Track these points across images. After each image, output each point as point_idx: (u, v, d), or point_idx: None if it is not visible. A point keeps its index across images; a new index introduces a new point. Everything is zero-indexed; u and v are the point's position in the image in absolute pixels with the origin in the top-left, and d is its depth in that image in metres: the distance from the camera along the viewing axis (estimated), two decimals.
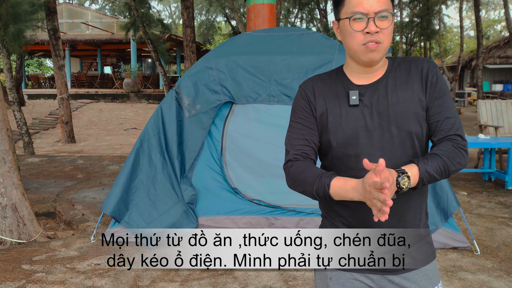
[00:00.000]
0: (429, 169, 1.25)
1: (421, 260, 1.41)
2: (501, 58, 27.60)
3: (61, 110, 11.47)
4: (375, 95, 1.36)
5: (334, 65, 4.14)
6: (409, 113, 1.33)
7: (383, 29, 1.29)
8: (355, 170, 1.34)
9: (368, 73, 1.38)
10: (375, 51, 1.30)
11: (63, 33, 23.79)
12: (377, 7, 1.28)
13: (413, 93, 1.35)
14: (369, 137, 1.34)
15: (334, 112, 1.38)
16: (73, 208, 5.15)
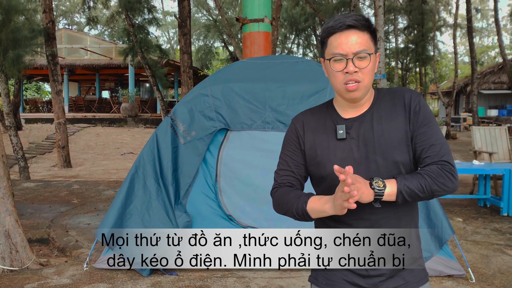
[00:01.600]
0: (408, 184, 1.31)
1: (413, 282, 1.44)
2: (496, 83, 27.92)
3: (58, 134, 11.49)
4: (361, 127, 1.43)
5: (328, 92, 4.19)
6: (394, 143, 1.40)
7: (362, 69, 1.37)
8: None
9: (354, 107, 1.46)
10: (355, 90, 1.38)
11: (62, 58, 24.02)
12: (355, 48, 1.36)
13: (397, 123, 1.42)
14: (357, 168, 1.39)
15: (322, 146, 1.46)
16: (67, 234, 5.11)
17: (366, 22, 1.39)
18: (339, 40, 1.38)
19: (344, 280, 1.46)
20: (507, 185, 5.75)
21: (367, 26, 1.39)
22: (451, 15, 28.36)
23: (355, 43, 1.37)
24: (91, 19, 17.68)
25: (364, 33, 1.39)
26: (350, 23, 1.37)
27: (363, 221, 1.42)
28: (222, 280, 3.68)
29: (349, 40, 1.37)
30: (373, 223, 1.42)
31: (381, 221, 1.42)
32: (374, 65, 1.41)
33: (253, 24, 5.80)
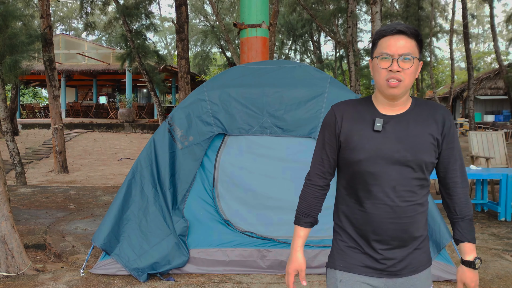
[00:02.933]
0: (473, 235, 1.69)
1: (420, 266, 1.67)
2: (492, 89, 28.04)
3: (55, 140, 11.46)
4: (397, 125, 1.62)
5: (326, 97, 4.20)
6: (425, 145, 1.59)
7: (405, 69, 1.55)
8: (371, 185, 1.61)
9: (392, 106, 1.64)
10: (396, 87, 1.56)
11: (59, 63, 24.01)
12: (401, 51, 1.55)
13: (430, 130, 1.62)
14: (387, 160, 1.58)
15: (359, 134, 1.63)
16: (63, 240, 5.09)
17: (415, 31, 1.58)
18: (389, 42, 1.57)
19: (361, 264, 1.66)
20: (504, 190, 5.76)
21: (415, 35, 1.58)
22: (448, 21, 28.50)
23: (402, 46, 1.56)
24: (88, 24, 17.72)
25: (412, 40, 1.58)
26: (401, 29, 1.56)
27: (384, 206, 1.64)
28: (220, 285, 3.67)
29: (397, 43, 1.56)
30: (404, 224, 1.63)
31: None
32: (416, 69, 1.59)
33: (251, 29, 5.81)
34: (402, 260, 1.63)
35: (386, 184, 1.58)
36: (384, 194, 1.59)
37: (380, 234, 1.61)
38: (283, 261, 3.89)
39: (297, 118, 4.17)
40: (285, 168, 4.14)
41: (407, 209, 1.59)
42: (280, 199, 4.07)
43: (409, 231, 1.61)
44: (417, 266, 1.65)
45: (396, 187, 1.58)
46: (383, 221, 1.60)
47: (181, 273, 3.92)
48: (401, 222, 1.59)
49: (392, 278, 1.64)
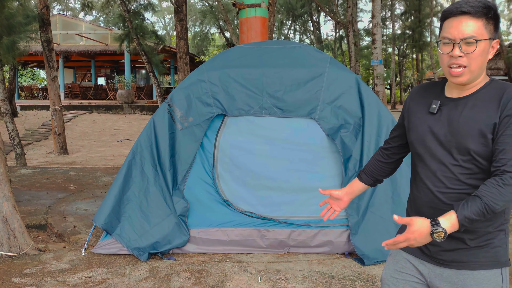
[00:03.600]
0: (468, 215, 1.33)
1: (474, 263, 1.50)
2: (492, 69, 27.91)
3: (54, 121, 11.45)
4: (453, 109, 1.52)
5: (326, 77, 4.19)
6: (473, 132, 1.45)
7: (468, 54, 1.44)
8: (419, 167, 1.61)
9: (459, 88, 1.54)
10: (459, 76, 1.47)
11: (57, 44, 23.82)
12: (463, 34, 1.43)
13: (486, 115, 1.45)
14: (434, 142, 1.55)
15: (416, 115, 1.63)
16: (64, 220, 5.13)
17: (484, 9, 1.43)
18: (450, 24, 1.46)
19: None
20: None
21: (484, 13, 1.43)
22: (448, 1, 28.22)
23: (464, 28, 1.43)
24: (86, 4, 17.52)
25: (479, 20, 1.43)
26: (464, 9, 1.43)
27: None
28: (220, 264, 3.72)
29: (459, 26, 1.44)
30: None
31: None
32: (486, 51, 1.45)
33: (250, 9, 5.76)
34: (449, 251, 1.53)
35: (430, 167, 1.55)
36: (427, 178, 1.56)
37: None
38: (283, 241, 3.94)
39: (296, 98, 4.17)
40: (285, 148, 4.15)
41: (448, 197, 1.49)
42: (280, 179, 4.09)
43: None
44: (470, 262, 1.50)
45: (437, 172, 1.52)
46: (424, 205, 1.58)
47: (182, 253, 3.97)
48: (440, 209, 1.49)
49: (439, 267, 1.56)
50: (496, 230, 1.50)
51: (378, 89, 10.73)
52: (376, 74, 10.64)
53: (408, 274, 1.65)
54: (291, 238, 3.94)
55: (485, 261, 1.50)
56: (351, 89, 4.21)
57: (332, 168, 4.10)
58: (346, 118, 4.13)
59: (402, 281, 1.66)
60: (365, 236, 3.80)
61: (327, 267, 3.67)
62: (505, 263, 1.52)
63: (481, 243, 1.50)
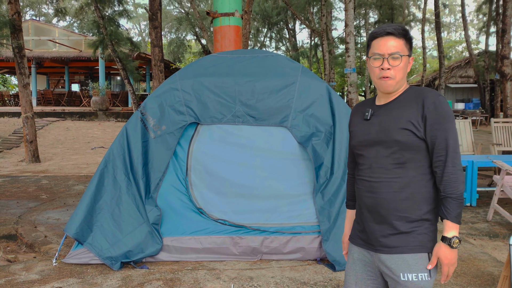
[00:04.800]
0: (453, 213, 1.69)
1: (405, 248, 1.74)
2: (463, 77, 28.65)
3: (26, 128, 11.23)
4: (383, 113, 1.83)
5: (297, 86, 4.27)
6: (399, 125, 1.74)
7: (394, 67, 1.76)
8: (360, 164, 1.90)
9: (386, 97, 1.86)
10: (388, 84, 1.78)
11: (29, 50, 23.41)
12: (390, 50, 1.76)
13: (409, 113, 1.74)
14: (369, 141, 1.84)
15: (355, 124, 1.94)
16: (35, 230, 5.05)
17: (403, 31, 1.77)
18: (379, 43, 1.78)
19: (357, 235, 1.92)
20: (470, 176, 5.96)
21: (403, 34, 1.77)
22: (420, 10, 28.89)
23: (391, 46, 1.76)
24: (59, 10, 17.29)
25: (400, 39, 1.77)
26: (389, 31, 1.76)
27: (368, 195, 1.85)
28: (193, 272, 3.72)
29: (386, 43, 1.76)
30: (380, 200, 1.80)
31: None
32: (406, 65, 1.79)
33: (224, 18, 5.81)
34: (385, 236, 1.77)
35: (367, 162, 1.84)
36: (365, 171, 1.85)
37: (364, 208, 1.86)
38: (256, 248, 3.97)
39: (269, 107, 4.22)
40: (257, 156, 4.20)
41: (381, 185, 1.78)
42: (253, 187, 4.13)
43: (386, 208, 1.76)
44: (400, 246, 1.74)
45: (372, 164, 1.82)
46: (364, 195, 1.85)
47: (155, 261, 3.96)
48: (376, 197, 1.79)
49: (377, 253, 1.80)
50: (421, 219, 1.75)
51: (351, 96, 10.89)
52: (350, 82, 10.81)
53: (361, 265, 1.90)
54: (264, 245, 3.98)
55: (413, 245, 1.74)
56: (322, 97, 4.29)
57: (304, 175, 4.16)
58: (318, 126, 4.20)
59: (358, 271, 1.91)
60: (336, 242, 3.86)
61: (299, 273, 3.72)
62: (431, 248, 1.76)
63: (409, 229, 1.74)
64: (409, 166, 1.75)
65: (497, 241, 4.64)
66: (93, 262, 3.89)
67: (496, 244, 4.53)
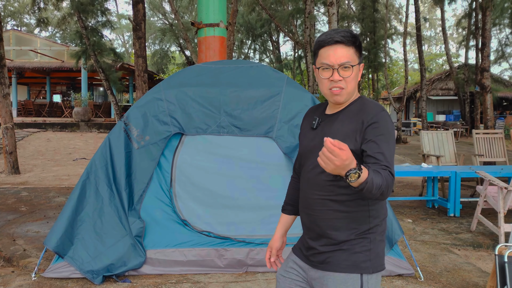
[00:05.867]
0: (374, 179, 1.41)
1: (338, 266, 1.64)
2: (443, 90, 29.15)
3: (5, 139, 11.01)
4: (328, 123, 1.73)
5: (283, 97, 4.25)
6: (340, 139, 1.58)
7: (345, 78, 1.63)
8: (303, 173, 1.78)
9: (334, 107, 1.75)
10: (339, 95, 1.66)
11: (10, 60, 23.08)
12: (340, 60, 1.62)
13: (350, 128, 1.64)
14: (311, 153, 1.73)
15: (303, 131, 1.85)
16: (14, 243, 4.91)
17: (353, 38, 1.63)
18: (328, 52, 1.64)
19: (298, 246, 1.83)
20: (453, 186, 6.01)
21: (353, 42, 1.63)
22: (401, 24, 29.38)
23: (340, 56, 1.62)
24: (41, 20, 17.10)
25: (350, 48, 1.63)
26: (338, 39, 1.62)
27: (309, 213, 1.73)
28: (177, 285, 3.65)
29: (336, 53, 1.62)
30: (315, 217, 1.70)
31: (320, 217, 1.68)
32: (357, 74, 1.67)
33: (209, 28, 5.80)
34: (320, 253, 1.68)
35: (305, 175, 1.75)
36: (303, 185, 1.76)
37: (302, 223, 1.78)
38: (241, 260, 3.92)
39: (254, 117, 4.20)
40: (243, 167, 4.16)
41: (316, 202, 1.67)
42: (238, 198, 4.09)
43: (321, 226, 1.66)
44: (333, 264, 1.64)
45: (309, 179, 1.72)
46: (302, 210, 1.78)
47: (138, 274, 3.87)
48: (311, 214, 1.70)
49: (312, 268, 1.73)
50: (359, 237, 1.64)
51: None
52: None
53: (294, 274, 1.81)
54: (249, 257, 3.92)
55: (345, 264, 1.63)
56: (307, 108, 4.28)
57: None
58: None
59: (288, 279, 1.81)
60: None
61: None
62: (365, 269, 1.63)
63: (344, 246, 1.64)
64: (343, 184, 1.59)
65: (481, 251, 4.66)
66: (74, 276, 3.79)
67: (480, 255, 4.55)
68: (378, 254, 1.67)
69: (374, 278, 1.65)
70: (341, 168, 1.34)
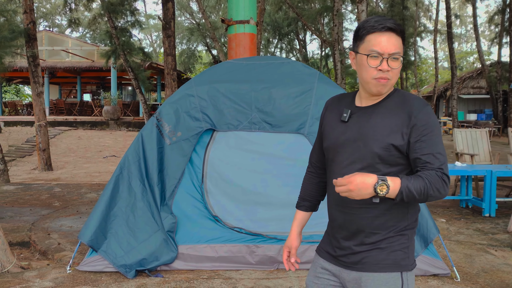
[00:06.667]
0: (410, 186, 1.39)
1: (375, 266, 1.57)
2: (475, 88, 28.46)
3: (39, 137, 11.30)
4: (362, 116, 1.62)
5: (314, 93, 4.21)
6: (378, 137, 1.54)
7: (393, 69, 1.54)
8: (330, 172, 1.68)
9: (368, 98, 1.64)
10: (384, 85, 1.56)
11: (43, 60, 23.66)
12: (391, 50, 1.53)
13: (392, 122, 1.55)
14: (343, 148, 1.62)
15: (329, 124, 1.72)
16: (48, 237, 5.01)
17: (402, 29, 1.57)
18: (379, 39, 1.53)
19: (324, 248, 1.73)
20: (488, 186, 5.84)
21: (402, 32, 1.56)
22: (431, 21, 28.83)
23: (392, 45, 1.53)
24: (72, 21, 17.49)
25: (399, 38, 1.56)
26: (391, 26, 1.53)
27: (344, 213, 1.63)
28: (209, 281, 3.65)
29: (388, 41, 1.53)
30: (351, 215, 1.60)
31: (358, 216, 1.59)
32: (401, 66, 1.58)
33: (239, 25, 5.79)
34: (356, 253, 1.60)
35: (338, 171, 1.62)
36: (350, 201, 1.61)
37: (333, 221, 1.67)
38: (272, 257, 3.89)
39: (285, 113, 4.17)
40: (274, 164, 4.13)
41: (352, 200, 1.56)
42: (269, 195, 4.07)
43: (357, 224, 1.59)
44: (372, 264, 1.57)
45: (344, 175, 1.55)
46: (333, 208, 1.66)
47: (170, 270, 3.90)
48: (346, 212, 1.60)
49: (345, 269, 1.63)
50: (397, 234, 1.58)
51: None
52: None
53: (325, 279, 1.71)
54: (281, 254, 3.89)
55: (385, 263, 1.57)
56: None
57: None
58: None
59: (321, 286, 1.72)
60: None
61: None
62: (405, 266, 1.58)
63: (381, 245, 1.58)
64: None
65: None
66: (107, 270, 3.84)
67: None
68: (413, 251, 1.63)
69: (411, 275, 1.61)
70: (361, 188, 1.38)
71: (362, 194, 1.39)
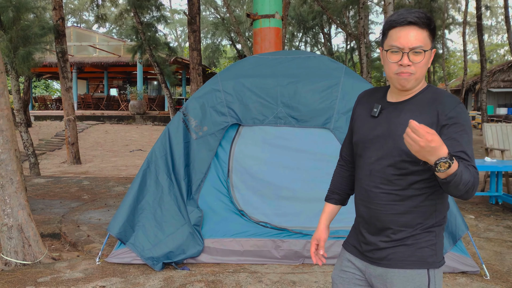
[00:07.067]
0: (460, 172, 1.30)
1: (401, 262, 1.55)
2: (505, 81, 27.68)
3: (68, 131, 11.55)
4: (392, 112, 1.59)
5: (341, 87, 4.17)
6: None
7: (415, 63, 1.50)
8: (358, 167, 1.67)
9: (399, 94, 1.61)
10: (406, 79, 1.52)
11: (71, 55, 24.14)
12: (412, 44, 1.48)
13: (423, 120, 1.49)
14: (372, 144, 1.61)
15: (360, 118, 1.70)
16: (78, 229, 5.13)
17: (427, 20, 1.49)
18: (399, 34, 1.50)
19: (351, 243, 1.73)
20: None
21: (427, 24, 1.50)
22: (460, 13, 28.16)
23: (413, 39, 1.48)
24: (99, 17, 17.76)
25: (424, 30, 1.50)
26: (411, 20, 1.48)
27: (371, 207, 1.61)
28: (235, 275, 3.68)
29: (408, 36, 1.49)
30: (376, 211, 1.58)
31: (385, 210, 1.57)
32: (428, 60, 1.53)
33: (264, 20, 5.78)
34: (381, 249, 1.58)
35: (366, 167, 1.62)
36: (363, 177, 1.63)
37: (360, 216, 1.66)
38: (298, 252, 3.89)
39: (311, 108, 4.15)
40: (300, 158, 4.13)
41: (378, 196, 1.56)
42: (295, 189, 4.06)
43: (383, 220, 1.56)
44: (398, 261, 1.56)
45: (372, 171, 1.59)
46: (360, 204, 1.66)
47: (196, 263, 3.94)
48: (372, 208, 1.59)
49: (371, 265, 1.62)
50: (424, 231, 1.56)
51: None
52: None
53: (351, 273, 1.71)
54: (306, 249, 3.89)
55: (411, 260, 1.55)
56: None
57: None
58: None
59: (346, 279, 1.72)
60: None
61: None
62: (432, 264, 1.56)
63: (408, 242, 1.55)
64: (413, 179, 1.52)
65: None
66: (135, 262, 3.91)
67: None
68: (441, 248, 1.60)
69: (439, 272, 1.58)
70: (427, 151, 1.24)
71: (423, 155, 1.26)
